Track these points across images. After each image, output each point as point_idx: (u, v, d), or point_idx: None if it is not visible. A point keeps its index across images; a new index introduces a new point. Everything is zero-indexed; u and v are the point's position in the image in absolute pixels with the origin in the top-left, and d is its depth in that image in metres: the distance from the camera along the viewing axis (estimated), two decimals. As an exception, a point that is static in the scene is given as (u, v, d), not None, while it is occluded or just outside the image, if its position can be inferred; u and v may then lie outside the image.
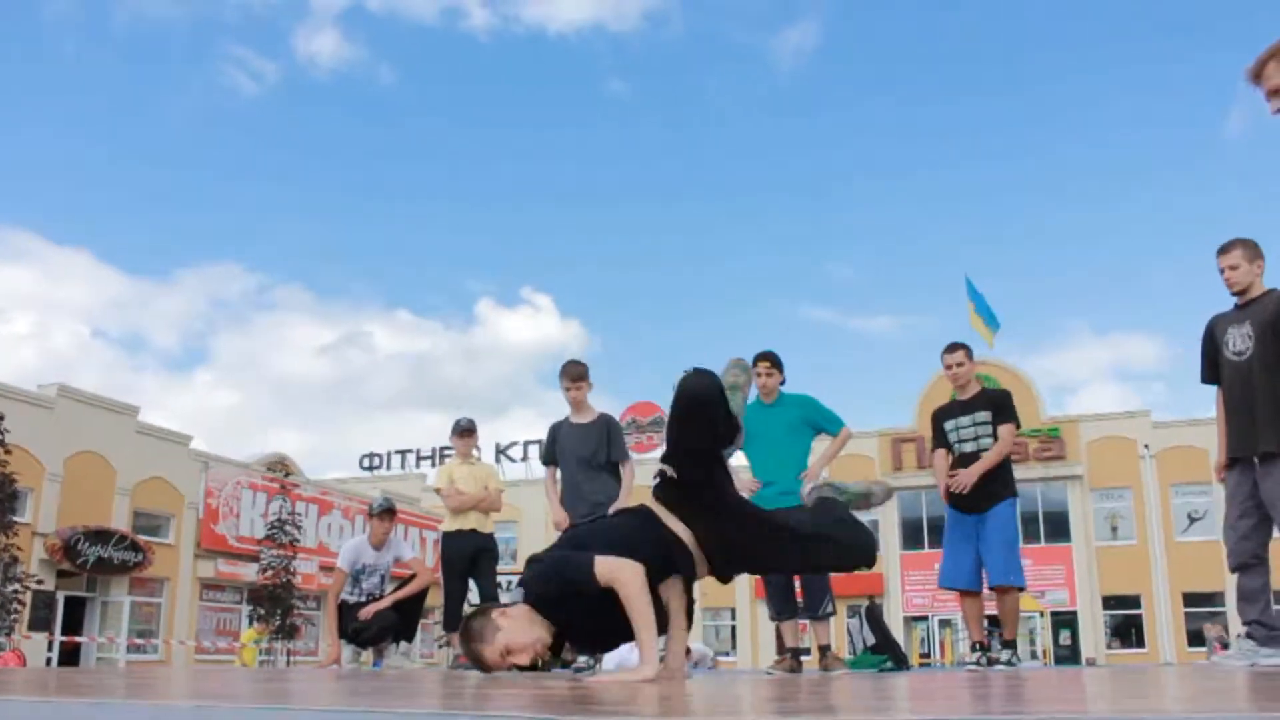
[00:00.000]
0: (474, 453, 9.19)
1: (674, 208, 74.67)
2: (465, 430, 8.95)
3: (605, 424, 7.67)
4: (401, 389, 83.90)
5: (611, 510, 7.25)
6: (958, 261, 73.66)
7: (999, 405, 7.22)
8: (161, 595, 31.37)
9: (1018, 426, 7.22)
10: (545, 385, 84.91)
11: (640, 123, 75.39)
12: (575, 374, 7.65)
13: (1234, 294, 5.82)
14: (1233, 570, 5.79)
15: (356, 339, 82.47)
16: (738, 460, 7.44)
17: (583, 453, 7.51)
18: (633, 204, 75.49)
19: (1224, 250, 5.80)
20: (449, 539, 8.67)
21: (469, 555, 8.61)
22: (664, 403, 3.76)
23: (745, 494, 7.27)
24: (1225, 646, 22.04)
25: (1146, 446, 39.97)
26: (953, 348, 7.39)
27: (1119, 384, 75.88)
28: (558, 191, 77.51)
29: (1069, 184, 68.69)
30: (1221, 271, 5.81)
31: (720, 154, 75.66)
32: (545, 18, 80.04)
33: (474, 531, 8.66)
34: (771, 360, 7.35)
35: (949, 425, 7.27)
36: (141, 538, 29.65)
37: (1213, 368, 5.98)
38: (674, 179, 75.42)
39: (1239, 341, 5.75)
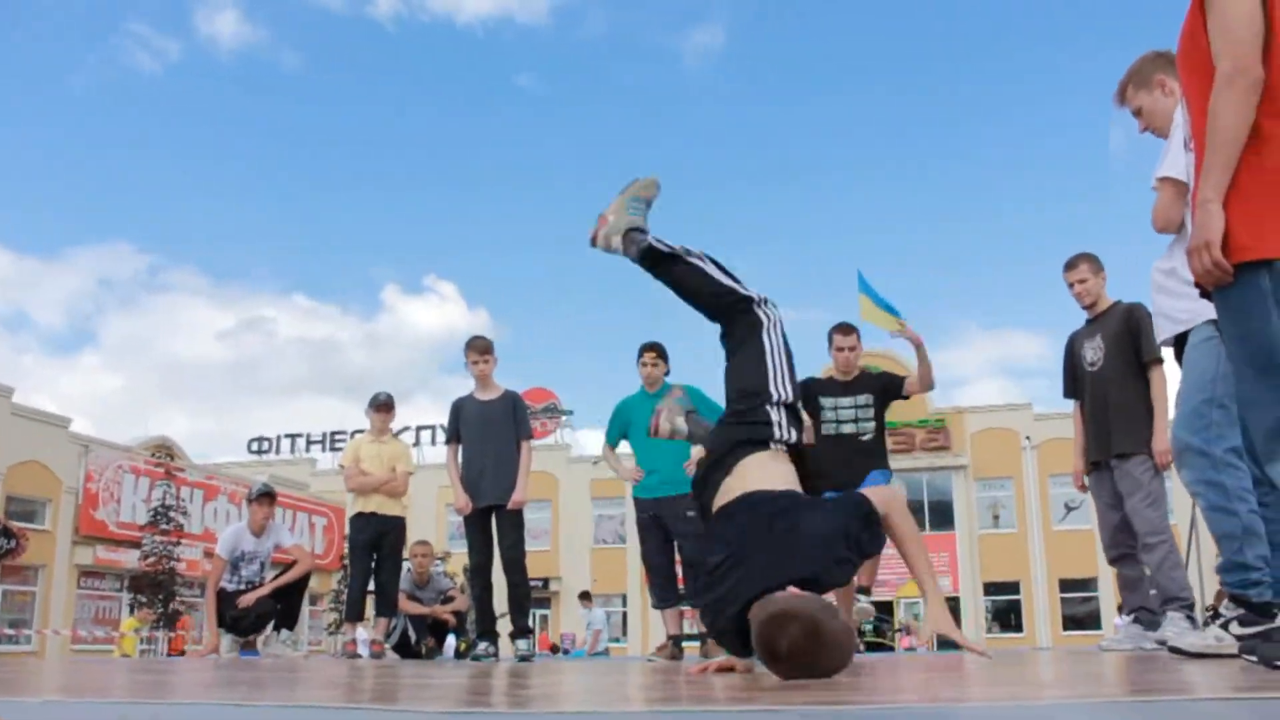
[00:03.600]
0: (389, 428, 8.94)
1: (578, 198, 74.48)
2: (383, 405, 8.73)
3: (512, 401, 7.63)
4: (301, 375, 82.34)
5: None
6: (849, 257, 74.75)
7: (886, 385, 7.09)
8: (36, 583, 30.34)
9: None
10: (449, 373, 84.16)
11: (546, 114, 75.00)
12: (481, 347, 7.60)
13: (1084, 306, 6.12)
14: (1111, 563, 6.09)
15: (257, 324, 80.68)
16: (623, 449, 7.53)
17: (488, 430, 7.46)
18: (537, 195, 75.18)
19: (1071, 265, 6.09)
20: (354, 522, 8.56)
21: (374, 538, 8.38)
22: (561, 391, 3.76)
23: (628, 483, 7.34)
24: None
25: (1028, 438, 41.21)
26: (846, 329, 7.21)
27: (1004, 378, 78.03)
28: (462, 180, 76.76)
29: (960, 184, 70.34)
30: (1071, 286, 6.10)
31: (624, 148, 75.66)
32: (453, 7, 79.12)
33: (376, 514, 8.41)
34: (658, 351, 7.39)
35: (827, 402, 7.06)
36: (15, 524, 28.60)
37: (1074, 382, 6.30)
38: (578, 170, 75.19)
39: (1092, 353, 6.08)
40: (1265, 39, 2.58)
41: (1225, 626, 3.31)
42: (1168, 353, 4.63)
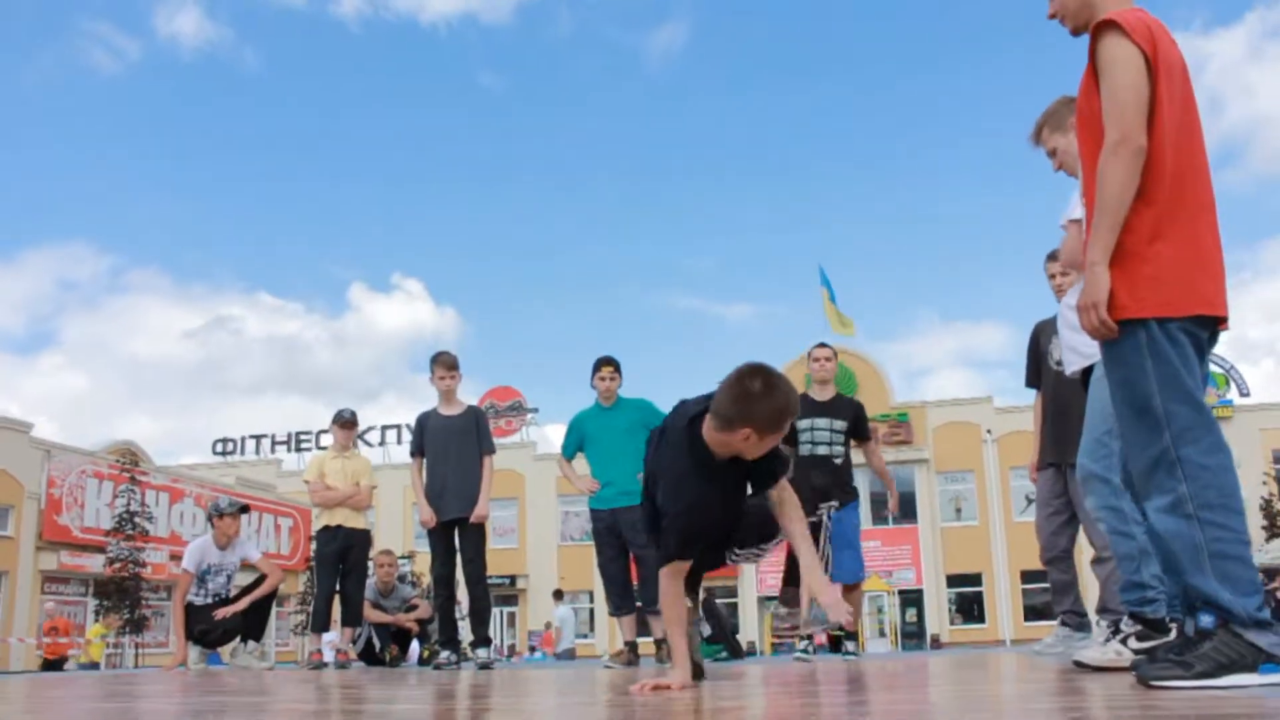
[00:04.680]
0: (352, 446, 9.17)
1: (545, 197, 74.63)
2: (347, 422, 8.98)
3: (475, 416, 7.83)
4: (267, 374, 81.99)
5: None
6: (813, 251, 75.27)
7: (858, 419, 7.59)
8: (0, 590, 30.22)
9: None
10: (417, 370, 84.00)
11: (510, 113, 75.07)
12: (449, 363, 7.80)
13: (1061, 299, 6.15)
14: (1045, 564, 6.26)
15: (222, 323, 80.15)
16: (579, 464, 7.75)
17: (451, 444, 7.65)
18: (503, 193, 75.14)
19: (1053, 257, 6.08)
20: (320, 535, 8.81)
21: (340, 550, 8.64)
22: (526, 390, 3.93)
23: (586, 492, 7.57)
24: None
25: (989, 431, 41.78)
26: (823, 345, 7.81)
27: (965, 370, 78.87)
28: (427, 178, 76.66)
29: (922, 177, 70.96)
30: (1052, 278, 5.96)
31: (590, 145, 75.88)
32: (416, 7, 78.87)
33: (342, 527, 8.67)
34: (614, 365, 7.62)
35: (803, 424, 7.39)
36: (-23, 530, 28.51)
37: (1036, 373, 6.35)
38: (543, 168, 75.27)
39: (1058, 351, 6.08)
40: (1150, 110, 2.81)
41: (1124, 641, 3.57)
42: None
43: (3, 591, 30.23)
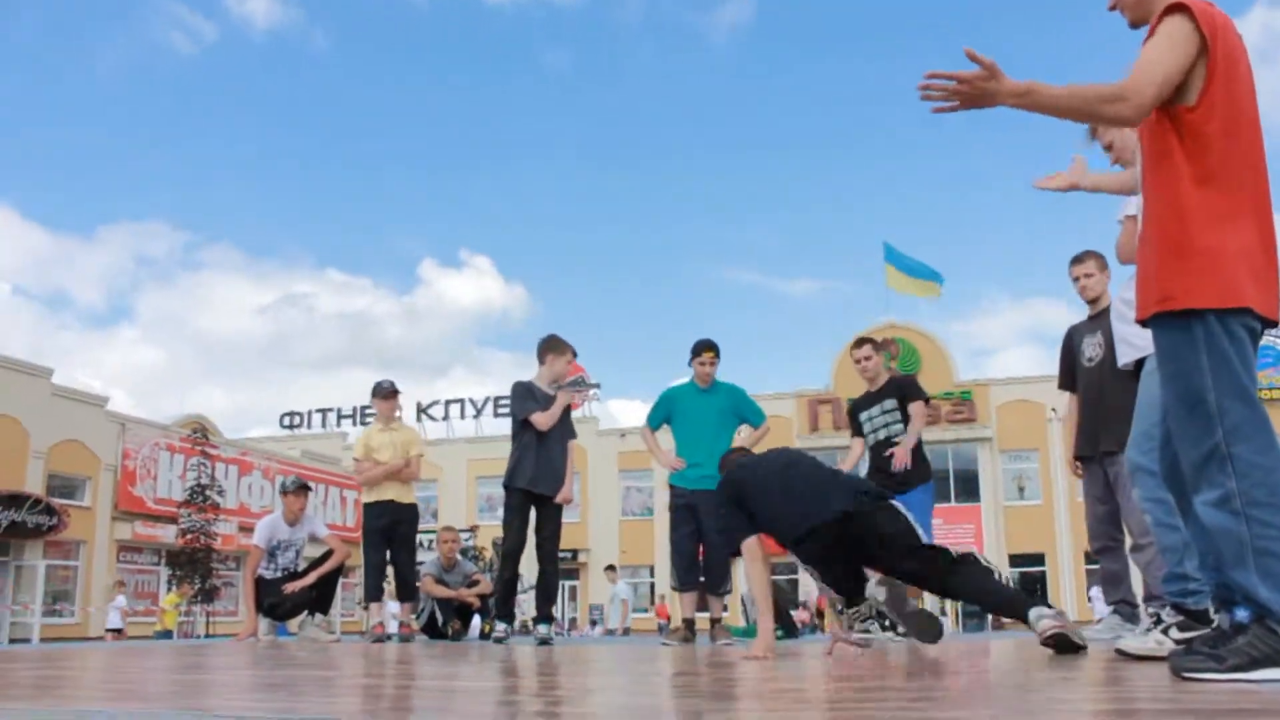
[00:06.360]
0: (396, 415, 9.11)
1: (609, 174, 74.86)
2: (388, 393, 8.93)
3: (565, 404, 7.89)
4: (336, 349, 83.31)
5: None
6: (878, 227, 74.73)
7: (905, 388, 7.65)
8: (78, 559, 31.14)
9: (927, 402, 7.68)
10: (485, 345, 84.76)
11: (575, 89, 75.49)
12: (570, 351, 7.95)
13: (1087, 300, 6.25)
14: (1095, 554, 6.31)
15: (295, 299, 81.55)
16: (664, 437, 7.86)
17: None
18: (568, 171, 75.48)
19: (1079, 260, 6.22)
20: (368, 510, 8.72)
21: (387, 526, 8.64)
22: (589, 366, 4.19)
23: (669, 470, 7.69)
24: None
25: (1054, 410, 41.21)
26: (860, 342, 7.83)
27: (1035, 347, 77.88)
28: (493, 156, 77.22)
29: (990, 150, 69.97)
30: (1076, 280, 6.22)
31: (654, 123, 75.94)
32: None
33: (392, 502, 8.65)
34: (715, 351, 7.73)
35: (863, 417, 7.70)
36: (56, 501, 29.36)
37: (1069, 376, 6.47)
38: (606, 146, 75.41)
39: (1091, 349, 6.21)
40: (1202, 89, 2.83)
41: (1166, 632, 3.63)
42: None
43: (81, 560, 31.15)
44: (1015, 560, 41.47)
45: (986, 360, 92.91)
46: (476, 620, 10.75)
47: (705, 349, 7.69)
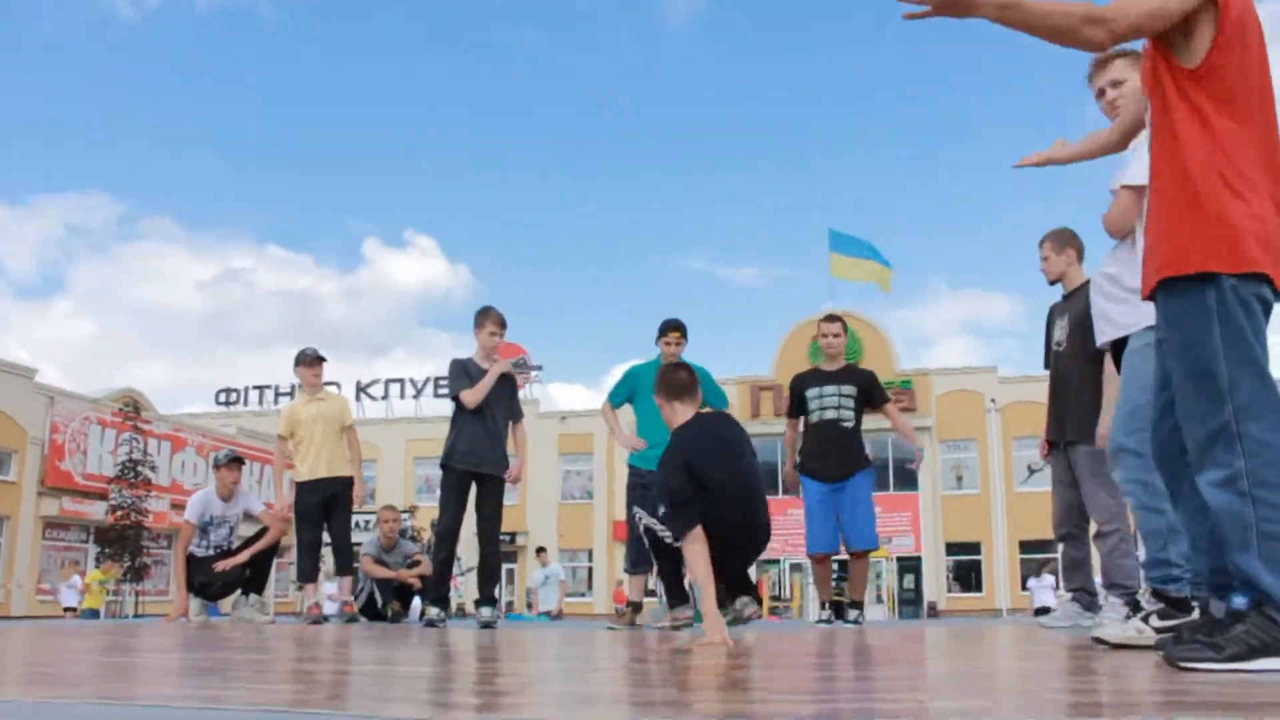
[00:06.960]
0: (322, 384, 8.73)
1: (557, 156, 74.38)
2: (312, 359, 8.54)
3: (511, 379, 7.69)
4: (277, 326, 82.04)
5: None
6: (825, 213, 74.93)
7: (870, 385, 7.54)
8: (1, 535, 30.33)
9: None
10: (427, 326, 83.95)
11: (527, 72, 74.74)
12: (502, 320, 7.61)
13: (1050, 283, 6.13)
14: (1058, 540, 6.23)
15: (235, 275, 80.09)
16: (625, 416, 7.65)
17: (491, 401, 7.46)
18: (516, 152, 74.83)
19: (1040, 243, 6.10)
20: (301, 489, 8.30)
21: (322, 503, 8.27)
22: (530, 348, 3.97)
23: (627, 450, 7.49)
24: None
25: (993, 400, 41.69)
26: (832, 318, 7.68)
27: (972, 339, 78.68)
28: (440, 135, 76.27)
29: (935, 142, 70.52)
30: (1045, 259, 6.06)
31: (605, 108, 75.57)
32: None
33: (324, 479, 8.26)
34: (682, 331, 7.52)
35: (810, 393, 7.46)
36: (-21, 475, 28.57)
37: (1048, 356, 6.29)
38: (556, 127, 74.90)
39: (1059, 332, 6.06)
40: (1207, 50, 2.68)
41: (1146, 619, 3.50)
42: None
43: (4, 536, 30.33)
44: (952, 549, 41.94)
45: (924, 350, 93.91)
46: (417, 602, 10.49)
47: (672, 329, 7.49)
